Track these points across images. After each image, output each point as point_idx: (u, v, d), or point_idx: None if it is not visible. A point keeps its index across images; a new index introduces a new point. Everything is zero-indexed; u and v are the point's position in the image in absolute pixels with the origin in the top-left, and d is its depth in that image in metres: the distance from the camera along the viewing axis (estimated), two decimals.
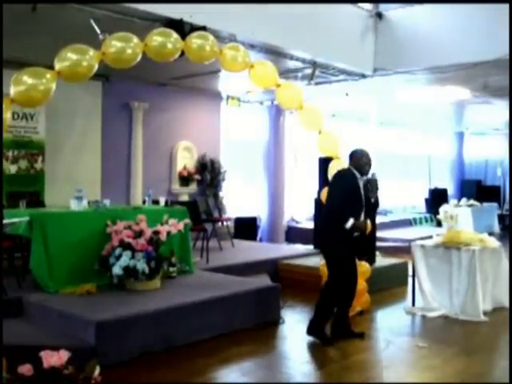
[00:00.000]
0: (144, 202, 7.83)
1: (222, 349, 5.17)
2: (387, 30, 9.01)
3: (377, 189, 5.50)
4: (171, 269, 6.54)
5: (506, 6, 7.23)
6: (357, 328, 5.87)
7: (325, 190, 6.49)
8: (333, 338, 5.44)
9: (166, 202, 7.69)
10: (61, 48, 4.73)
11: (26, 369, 3.00)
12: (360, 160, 5.51)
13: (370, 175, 5.57)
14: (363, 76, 9.48)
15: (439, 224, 12.07)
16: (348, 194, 5.34)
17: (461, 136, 19.67)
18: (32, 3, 5.78)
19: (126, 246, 5.94)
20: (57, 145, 9.01)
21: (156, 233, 6.20)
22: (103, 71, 7.99)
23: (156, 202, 7.68)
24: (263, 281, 7.12)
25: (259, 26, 7.31)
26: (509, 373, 4.28)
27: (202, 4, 6.49)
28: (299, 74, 9.28)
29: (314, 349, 5.45)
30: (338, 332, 5.55)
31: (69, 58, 4.69)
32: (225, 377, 4.80)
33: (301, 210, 13.25)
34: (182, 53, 5.46)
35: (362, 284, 6.51)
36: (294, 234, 12.48)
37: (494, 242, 6.88)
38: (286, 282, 7.49)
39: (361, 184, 5.49)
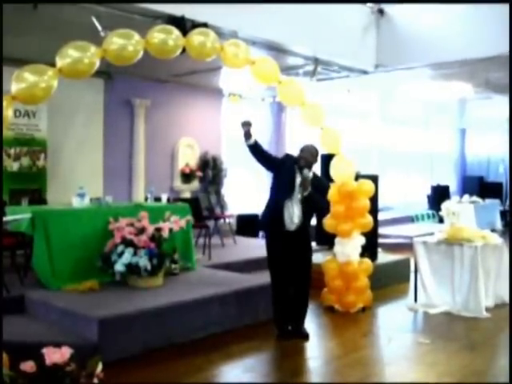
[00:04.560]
0: (146, 199, 7.83)
1: (224, 345, 5.17)
2: (389, 26, 9.00)
3: (308, 185, 5.35)
4: (173, 266, 6.54)
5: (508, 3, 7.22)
6: (359, 325, 5.88)
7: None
8: (286, 335, 5.48)
9: (168, 199, 7.70)
10: (62, 45, 4.73)
11: (28, 366, 3.00)
12: (299, 153, 5.55)
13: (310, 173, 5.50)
14: (365, 72, 9.47)
15: (441, 220, 12.02)
16: (277, 174, 5.55)
17: (463, 132, 19.64)
18: (33, 3, 5.79)
19: (128, 242, 5.95)
20: (59, 142, 9.03)
21: (158, 230, 6.20)
22: (105, 68, 8.00)
23: (158, 199, 7.68)
24: (265, 277, 7.12)
25: (261, 23, 7.31)
26: (509, 373, 4.27)
27: (203, 4, 6.48)
28: (301, 71, 9.28)
29: (316, 345, 5.46)
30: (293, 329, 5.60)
31: (70, 55, 4.68)
32: (227, 373, 4.80)
33: None
34: (184, 50, 5.45)
35: (364, 281, 6.52)
36: None
37: (496, 239, 6.86)
38: None
39: (297, 175, 5.42)
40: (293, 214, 5.38)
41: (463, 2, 7.97)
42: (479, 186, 17.60)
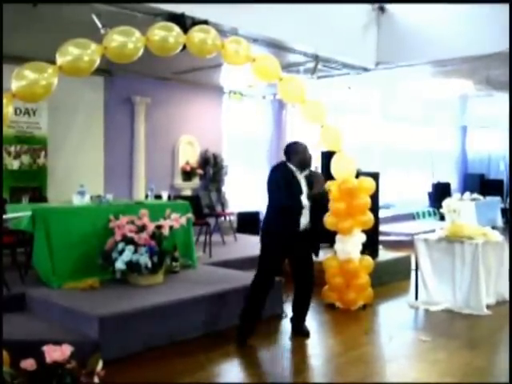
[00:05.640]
0: (146, 197, 7.83)
1: (224, 343, 5.16)
2: (389, 23, 8.97)
3: (321, 182, 5.28)
4: (174, 263, 6.54)
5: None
6: (360, 322, 5.88)
7: (328, 184, 6.51)
8: (244, 341, 5.18)
9: (169, 197, 7.70)
10: (62, 43, 4.72)
11: (28, 363, 3.01)
12: (295, 154, 5.30)
13: (312, 169, 5.38)
14: (365, 69, 9.45)
15: (442, 218, 12.05)
16: (284, 185, 5.14)
17: (464, 130, 19.62)
18: (33, 3, 5.78)
19: (128, 240, 5.94)
20: (59, 140, 9.01)
21: (159, 227, 6.20)
22: (105, 66, 7.99)
23: (158, 197, 7.68)
24: None
25: (261, 20, 7.28)
26: (509, 373, 4.25)
27: (203, 4, 6.47)
28: (301, 68, 9.26)
29: (317, 343, 5.46)
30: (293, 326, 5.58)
31: (70, 52, 4.68)
32: (227, 371, 4.80)
33: None
34: (184, 47, 5.44)
35: (364, 278, 6.52)
36: None
37: (497, 236, 6.86)
38: (289, 276, 7.45)
39: (300, 178, 5.28)
40: (303, 215, 5.26)
41: (463, 2, 7.96)
42: (480, 184, 17.59)
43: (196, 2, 6.36)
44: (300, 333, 5.47)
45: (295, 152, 5.33)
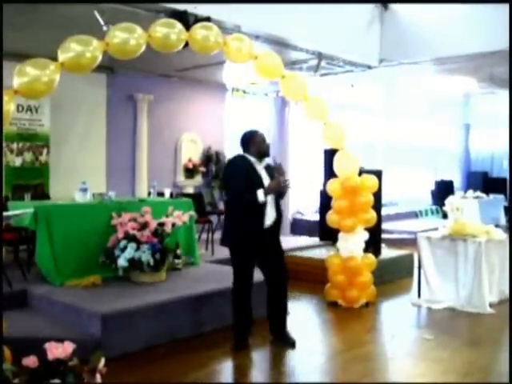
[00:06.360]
0: (149, 194, 7.83)
1: (226, 341, 5.14)
2: (393, 20, 8.94)
3: (282, 173, 4.95)
4: (176, 261, 6.55)
5: None
6: (363, 320, 5.87)
7: (331, 181, 6.51)
8: (246, 340, 5.05)
9: (171, 194, 7.69)
10: (64, 39, 4.70)
11: (30, 361, 3.00)
12: (253, 144, 4.98)
13: (271, 161, 5.12)
14: (369, 67, 9.43)
15: (445, 216, 11.99)
16: (244, 180, 4.84)
17: (467, 128, 19.58)
18: (34, 3, 5.77)
19: (131, 238, 5.94)
20: (61, 137, 9.01)
21: (161, 225, 6.20)
22: (108, 63, 7.98)
23: (161, 194, 7.68)
24: None
25: (264, 17, 7.26)
26: (509, 373, 4.23)
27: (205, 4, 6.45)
28: (304, 66, 9.24)
29: (319, 341, 5.45)
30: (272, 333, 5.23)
31: (72, 48, 4.66)
32: (229, 369, 4.80)
33: (306, 202, 13.22)
34: (186, 44, 5.43)
35: (367, 276, 6.51)
36: (299, 226, 12.43)
37: (500, 234, 6.83)
38: (292, 273, 7.36)
39: (260, 170, 4.99)
40: (268, 209, 4.97)
41: (463, 2, 7.93)
42: (483, 182, 17.54)
43: (199, 2, 6.34)
44: (284, 342, 5.10)
45: (252, 141, 5.00)
